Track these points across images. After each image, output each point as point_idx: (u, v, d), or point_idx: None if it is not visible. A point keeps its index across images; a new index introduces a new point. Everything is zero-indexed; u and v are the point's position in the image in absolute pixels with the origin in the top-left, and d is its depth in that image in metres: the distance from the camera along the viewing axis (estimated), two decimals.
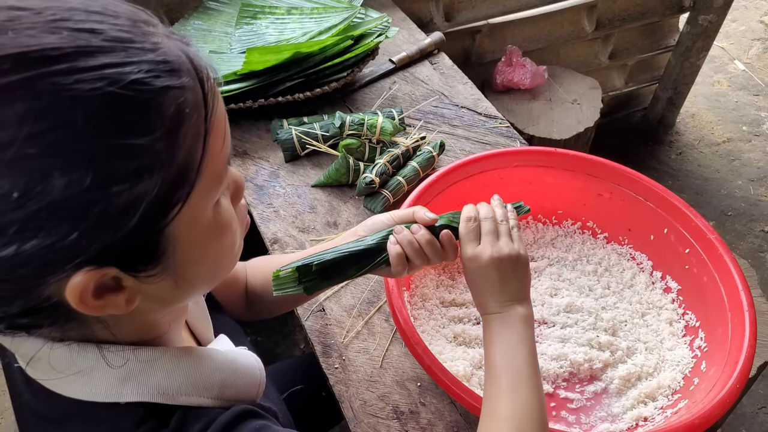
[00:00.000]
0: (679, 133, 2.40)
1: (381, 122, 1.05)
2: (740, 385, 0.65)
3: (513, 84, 1.76)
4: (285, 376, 0.99)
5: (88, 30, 0.34)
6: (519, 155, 0.91)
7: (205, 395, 0.45)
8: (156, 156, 0.35)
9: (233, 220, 0.45)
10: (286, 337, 1.74)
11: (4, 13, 0.33)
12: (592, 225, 0.96)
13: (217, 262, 0.45)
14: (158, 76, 0.35)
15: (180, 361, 0.45)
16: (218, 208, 0.42)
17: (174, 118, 0.35)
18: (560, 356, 0.80)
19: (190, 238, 0.40)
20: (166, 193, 0.36)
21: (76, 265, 0.34)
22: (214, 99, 0.39)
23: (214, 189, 0.41)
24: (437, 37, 1.33)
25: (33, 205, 0.32)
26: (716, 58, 2.75)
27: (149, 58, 0.35)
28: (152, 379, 0.43)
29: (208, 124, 0.38)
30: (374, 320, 0.85)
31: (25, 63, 0.32)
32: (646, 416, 0.74)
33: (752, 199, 2.14)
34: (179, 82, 0.36)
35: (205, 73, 0.39)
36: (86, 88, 0.32)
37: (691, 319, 0.82)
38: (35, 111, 0.31)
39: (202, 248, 0.42)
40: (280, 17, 1.23)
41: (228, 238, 0.44)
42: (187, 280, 0.42)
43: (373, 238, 0.65)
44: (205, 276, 0.45)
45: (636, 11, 2.00)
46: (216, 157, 0.39)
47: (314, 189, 1.03)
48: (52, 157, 0.32)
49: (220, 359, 0.48)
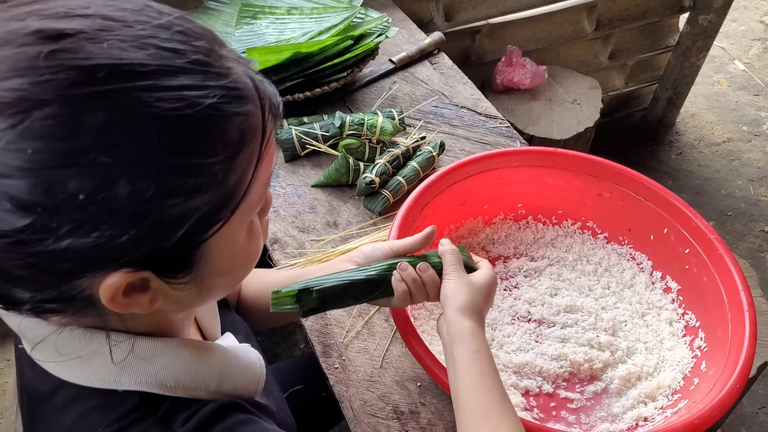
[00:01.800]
0: (679, 133, 2.40)
1: (381, 122, 1.05)
2: (740, 385, 0.65)
3: (513, 84, 1.76)
4: (285, 376, 0.99)
5: (173, 50, 0.35)
6: (519, 155, 0.91)
7: (202, 388, 0.46)
8: (213, 176, 0.36)
9: (259, 237, 0.46)
10: (286, 337, 1.74)
11: (98, 21, 0.34)
12: (592, 225, 0.96)
13: (238, 273, 0.46)
14: (230, 102, 0.36)
15: (180, 353, 0.45)
16: (251, 226, 0.44)
17: (236, 143, 0.37)
18: (560, 356, 0.80)
19: (222, 252, 0.41)
20: (213, 210, 0.37)
21: (117, 265, 0.36)
22: (272, 127, 0.41)
23: (253, 210, 0.43)
24: (437, 37, 1.33)
25: (95, 208, 0.33)
26: (716, 58, 2.75)
27: (223, 83, 0.36)
28: (151, 369, 0.44)
29: (263, 152, 0.40)
30: (374, 320, 0.85)
31: (114, 75, 0.33)
32: (646, 416, 0.74)
33: (752, 199, 2.14)
34: (245, 109, 0.38)
35: (267, 101, 0.40)
36: (165, 107, 0.34)
37: (691, 319, 0.83)
38: (116, 122, 0.33)
39: (229, 262, 0.43)
40: (280, 17, 1.23)
41: (251, 254, 0.46)
42: (209, 288, 0.44)
43: (375, 269, 0.65)
44: (225, 285, 0.47)
45: (636, 11, 2.00)
46: (262, 182, 0.41)
47: (314, 189, 1.03)
48: (123, 167, 0.33)
49: (220, 354, 0.49)
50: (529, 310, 0.87)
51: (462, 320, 0.61)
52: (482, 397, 0.57)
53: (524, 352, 0.82)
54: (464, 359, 0.59)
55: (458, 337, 0.60)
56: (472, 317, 0.61)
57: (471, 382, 0.58)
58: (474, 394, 0.57)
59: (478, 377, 0.58)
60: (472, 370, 0.58)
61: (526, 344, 0.83)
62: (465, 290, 0.63)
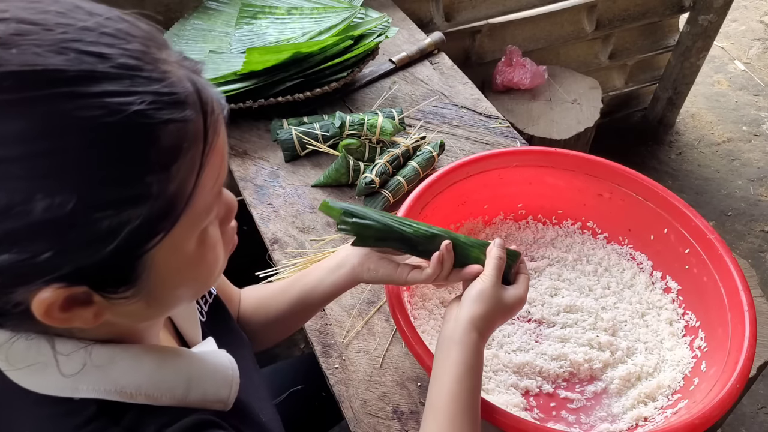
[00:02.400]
0: (679, 133, 2.40)
1: (381, 122, 1.05)
2: (740, 385, 0.65)
3: (513, 84, 1.76)
4: (285, 376, 0.99)
5: (96, 54, 0.33)
6: (519, 155, 0.91)
7: (167, 395, 0.44)
8: (145, 187, 0.34)
9: (217, 246, 0.44)
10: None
11: (13, 26, 0.32)
12: (592, 225, 0.96)
13: (194, 285, 0.44)
14: (161, 108, 0.34)
15: (142, 359, 0.44)
16: (204, 236, 0.41)
17: (170, 151, 0.35)
18: (560, 356, 0.80)
19: (169, 265, 0.39)
20: (150, 222, 0.35)
21: (46, 281, 0.34)
22: (215, 133, 0.38)
23: (201, 220, 0.40)
24: (437, 37, 1.33)
25: (10, 223, 0.32)
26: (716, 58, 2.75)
27: (154, 88, 0.34)
28: (110, 376, 0.42)
29: (204, 159, 0.37)
30: (374, 320, 0.85)
31: (25, 82, 0.31)
32: (646, 416, 0.74)
33: (752, 199, 2.14)
34: (182, 115, 0.35)
35: (210, 106, 0.38)
36: (84, 116, 0.32)
37: (691, 319, 0.82)
38: (27, 133, 0.31)
39: (180, 274, 0.41)
40: (280, 17, 1.23)
41: (208, 265, 0.43)
42: (161, 301, 0.42)
43: (422, 230, 0.65)
44: (184, 296, 0.44)
45: (636, 11, 2.00)
46: (208, 190, 0.39)
47: (314, 189, 1.03)
48: (39, 179, 0.31)
49: (187, 359, 0.47)
50: (529, 310, 0.87)
51: (471, 330, 0.60)
52: (458, 414, 0.57)
53: (524, 352, 0.82)
54: (458, 368, 0.59)
55: (461, 344, 0.60)
56: (482, 330, 0.61)
57: (454, 392, 0.58)
58: (452, 406, 0.57)
59: (464, 392, 0.58)
60: (462, 383, 0.58)
61: (526, 344, 0.83)
62: (490, 302, 0.62)
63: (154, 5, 1.36)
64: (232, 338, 0.65)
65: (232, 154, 1.10)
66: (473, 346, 0.60)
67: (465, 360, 0.59)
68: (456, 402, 0.58)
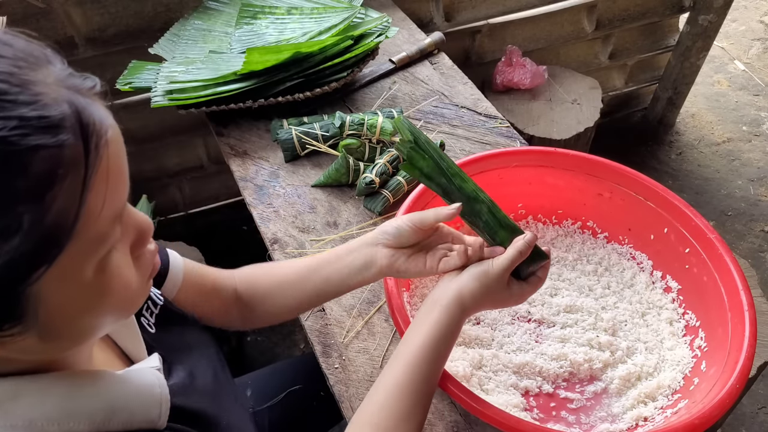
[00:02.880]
0: (679, 133, 2.40)
1: (381, 122, 1.05)
2: (740, 385, 0.65)
3: (513, 84, 1.77)
4: (284, 376, 0.99)
5: None
6: (519, 155, 0.91)
7: (85, 422, 0.42)
8: (16, 219, 0.32)
9: (124, 273, 0.41)
10: (286, 337, 1.74)
11: None
12: (592, 225, 0.96)
13: (107, 313, 0.41)
14: (28, 134, 0.32)
15: (52, 389, 0.42)
16: (105, 264, 0.39)
17: (43, 179, 0.33)
18: (560, 356, 0.80)
19: (62, 297, 0.37)
20: (27, 255, 0.33)
21: None
22: (98, 157, 0.35)
23: (95, 249, 0.37)
24: (437, 37, 1.33)
25: None
26: (716, 58, 2.75)
27: (20, 113, 0.32)
28: (17, 410, 0.39)
29: (87, 185, 0.35)
30: (374, 320, 0.85)
31: None
32: (646, 416, 0.74)
33: (752, 199, 2.14)
34: (54, 141, 0.33)
35: (92, 128, 0.35)
36: None
37: (691, 319, 0.82)
38: None
39: (77, 306, 0.38)
40: (280, 17, 1.23)
41: (117, 293, 0.41)
42: (63, 334, 0.39)
43: (466, 187, 0.67)
44: (95, 326, 0.42)
45: (636, 11, 2.00)
46: (98, 217, 0.36)
47: (314, 189, 1.03)
48: None
49: (107, 382, 0.45)
50: (529, 310, 0.87)
51: (457, 301, 0.62)
52: (422, 365, 0.59)
53: (524, 352, 0.82)
54: (435, 327, 0.61)
55: (445, 309, 0.62)
56: (466, 307, 0.63)
57: (424, 345, 0.60)
58: (419, 356, 0.59)
59: (433, 351, 0.60)
60: (434, 342, 0.60)
61: (526, 344, 0.82)
62: (487, 286, 0.63)
63: (154, 5, 1.36)
64: (190, 343, 0.63)
65: (232, 154, 1.10)
66: (455, 316, 0.62)
67: (444, 323, 0.61)
68: (423, 355, 0.59)
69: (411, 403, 0.58)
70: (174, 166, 1.70)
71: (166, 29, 1.26)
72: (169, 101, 1.08)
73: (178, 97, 1.08)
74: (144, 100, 1.49)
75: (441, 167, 0.66)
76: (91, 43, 1.36)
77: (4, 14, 1.19)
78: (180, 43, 1.22)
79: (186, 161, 1.71)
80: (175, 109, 1.10)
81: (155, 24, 1.38)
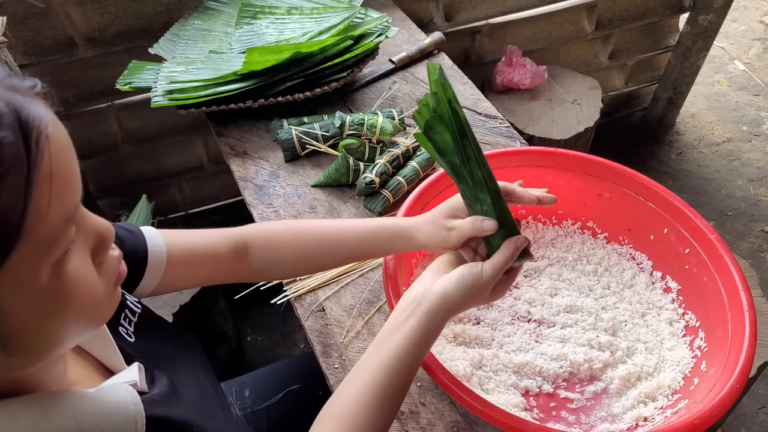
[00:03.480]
0: (679, 133, 2.40)
1: (381, 122, 1.05)
2: (740, 385, 0.65)
3: (513, 84, 1.77)
4: (283, 375, 0.99)
5: None
6: (519, 155, 0.91)
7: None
8: None
9: (85, 279, 0.40)
10: (286, 337, 1.74)
11: None
12: (592, 225, 0.96)
13: (65, 325, 0.40)
14: None
15: (20, 413, 0.41)
16: (61, 269, 0.38)
17: None
18: (560, 356, 0.80)
19: (17, 306, 0.36)
20: None
21: None
22: (39, 154, 0.35)
23: (47, 251, 0.36)
24: (437, 37, 1.33)
25: None
26: (716, 58, 2.75)
27: None
28: None
29: (31, 185, 0.34)
30: (374, 320, 0.85)
31: None
32: (646, 416, 0.74)
33: (752, 199, 2.14)
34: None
35: (34, 126, 0.35)
36: None
37: (691, 319, 0.82)
38: None
39: (37, 315, 0.37)
40: (280, 17, 1.23)
41: (78, 300, 0.39)
42: (24, 347, 0.38)
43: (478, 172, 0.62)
44: (60, 337, 0.41)
45: (636, 11, 2.00)
46: (45, 218, 0.35)
47: (314, 189, 1.03)
48: None
49: (77, 403, 0.44)
50: (529, 310, 0.87)
51: (442, 312, 0.60)
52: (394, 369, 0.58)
53: (524, 352, 0.82)
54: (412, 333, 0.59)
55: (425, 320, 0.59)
56: (450, 314, 0.61)
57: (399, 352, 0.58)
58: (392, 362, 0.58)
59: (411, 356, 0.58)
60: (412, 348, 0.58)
61: (526, 344, 0.83)
62: (476, 295, 0.61)
63: (154, 5, 1.36)
64: (172, 350, 0.62)
65: (232, 154, 1.10)
66: (435, 322, 0.60)
67: (424, 329, 0.59)
68: (400, 362, 0.58)
69: (383, 407, 0.58)
70: (174, 166, 1.71)
71: (166, 29, 1.26)
72: (169, 101, 1.08)
73: (178, 97, 1.08)
74: (144, 100, 1.49)
75: (458, 145, 0.60)
76: (91, 43, 1.36)
77: (4, 14, 1.20)
78: (180, 43, 1.22)
79: (186, 161, 1.71)
80: (175, 109, 1.10)
81: (155, 24, 1.38)
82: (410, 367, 0.59)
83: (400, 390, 0.59)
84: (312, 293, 0.88)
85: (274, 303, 0.90)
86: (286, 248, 0.73)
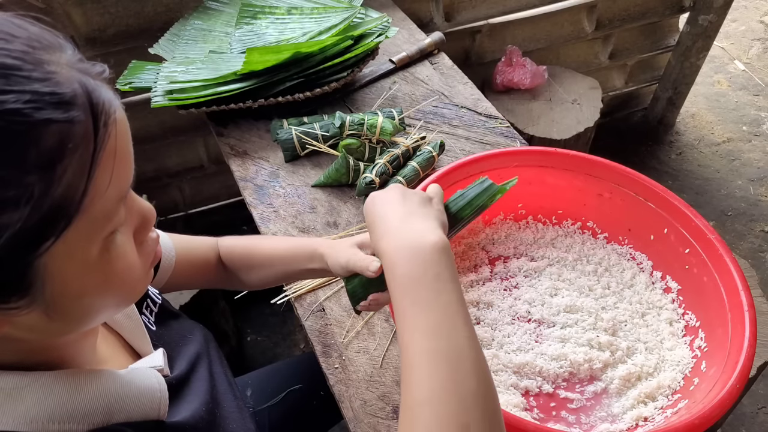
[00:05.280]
0: (679, 133, 2.40)
1: (381, 122, 1.05)
2: (740, 385, 0.65)
3: (513, 84, 1.77)
4: (284, 375, 0.99)
5: None
6: (519, 155, 0.91)
7: (83, 422, 0.42)
8: (25, 188, 0.33)
9: (128, 256, 0.42)
10: (286, 337, 1.74)
11: None
12: (592, 225, 0.96)
13: (110, 296, 0.43)
14: (40, 107, 0.34)
15: (54, 387, 0.42)
16: (109, 244, 0.40)
17: (53, 152, 0.34)
18: (560, 356, 0.80)
19: (67, 273, 0.38)
20: (36, 226, 0.34)
21: None
22: (107, 135, 0.37)
23: (101, 226, 0.39)
24: (437, 37, 1.33)
25: None
26: (716, 58, 2.75)
27: (34, 87, 0.34)
28: (20, 406, 0.40)
29: (95, 162, 0.36)
30: (374, 320, 0.85)
31: None
32: (646, 416, 0.74)
33: (752, 199, 2.14)
34: (65, 116, 0.34)
35: (101, 108, 0.37)
36: None
37: (691, 319, 0.83)
38: None
39: (82, 284, 0.39)
40: (280, 17, 1.23)
41: (120, 274, 0.42)
42: (65, 313, 0.40)
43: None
44: (97, 308, 0.43)
45: (636, 11, 2.00)
46: (104, 195, 0.38)
47: (314, 189, 1.03)
48: None
49: (108, 383, 0.45)
50: (529, 310, 0.87)
51: (440, 250, 0.51)
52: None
53: (524, 352, 0.82)
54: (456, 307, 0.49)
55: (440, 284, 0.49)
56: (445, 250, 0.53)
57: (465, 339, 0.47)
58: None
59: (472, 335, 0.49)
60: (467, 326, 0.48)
61: (526, 344, 0.83)
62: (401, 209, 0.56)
63: (154, 5, 1.36)
64: (186, 339, 0.64)
65: (232, 154, 1.10)
66: (451, 274, 0.50)
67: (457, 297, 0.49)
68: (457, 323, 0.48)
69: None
70: (174, 166, 1.71)
71: (166, 29, 1.26)
72: (169, 101, 1.08)
73: (178, 97, 1.08)
74: (144, 100, 1.49)
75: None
76: (91, 43, 1.36)
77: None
78: (180, 43, 1.22)
79: (186, 161, 1.71)
80: (175, 109, 1.10)
81: (155, 24, 1.38)
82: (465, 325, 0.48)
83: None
84: (312, 293, 0.88)
85: (274, 303, 0.91)
86: (241, 263, 0.78)
